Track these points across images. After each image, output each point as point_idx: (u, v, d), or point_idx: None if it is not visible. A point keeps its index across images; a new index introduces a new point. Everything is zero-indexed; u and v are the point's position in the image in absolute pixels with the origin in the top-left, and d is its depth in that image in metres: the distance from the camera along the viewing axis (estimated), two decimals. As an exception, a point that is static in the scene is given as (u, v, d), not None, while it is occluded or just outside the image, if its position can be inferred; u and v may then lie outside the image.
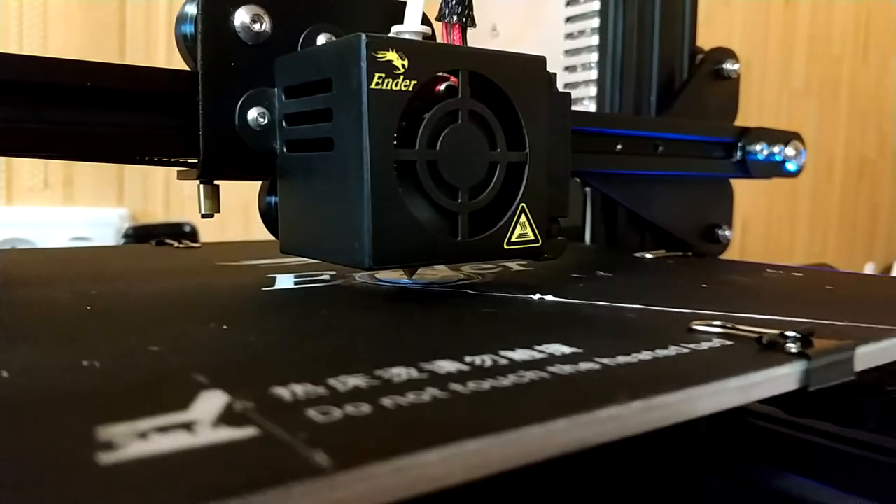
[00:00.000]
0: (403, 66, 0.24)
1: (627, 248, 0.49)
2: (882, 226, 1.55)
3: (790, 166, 0.49)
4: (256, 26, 0.29)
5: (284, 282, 0.31)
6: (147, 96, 0.28)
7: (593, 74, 0.49)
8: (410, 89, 0.25)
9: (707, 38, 0.52)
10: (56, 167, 0.73)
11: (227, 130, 0.29)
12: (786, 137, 0.48)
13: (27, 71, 0.26)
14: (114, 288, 0.30)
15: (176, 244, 0.45)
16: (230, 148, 0.29)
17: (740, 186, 0.51)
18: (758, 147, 0.47)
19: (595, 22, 0.49)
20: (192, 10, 0.29)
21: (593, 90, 0.49)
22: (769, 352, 0.19)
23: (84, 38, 0.74)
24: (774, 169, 0.48)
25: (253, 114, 0.29)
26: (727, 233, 0.49)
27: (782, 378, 0.18)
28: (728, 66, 0.50)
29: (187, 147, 0.29)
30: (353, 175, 0.25)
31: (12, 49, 0.70)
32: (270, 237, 0.32)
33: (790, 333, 0.20)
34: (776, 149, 0.48)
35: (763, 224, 1.31)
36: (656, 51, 0.49)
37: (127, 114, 0.28)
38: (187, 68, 0.30)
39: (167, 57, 0.77)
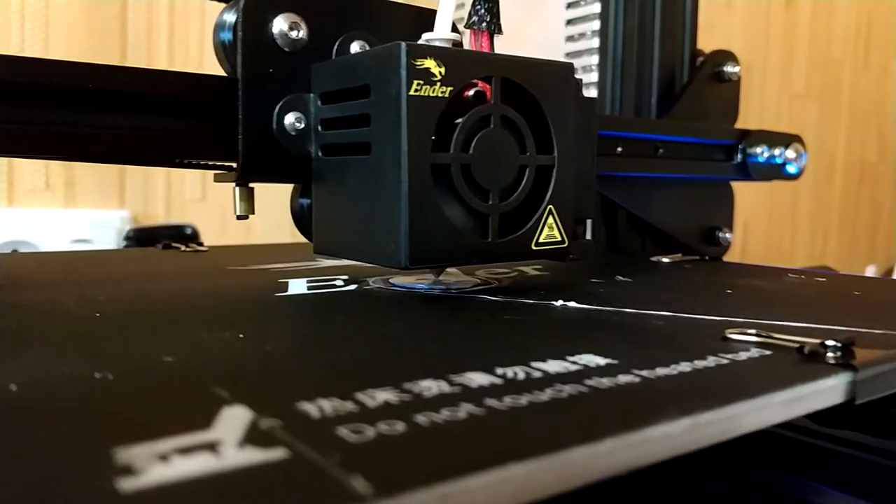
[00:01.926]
0: (440, 73, 0.25)
1: (628, 251, 0.49)
2: (883, 228, 1.54)
3: (791, 169, 0.48)
4: (294, 34, 0.29)
5: (297, 287, 0.30)
6: (185, 101, 0.29)
7: (594, 77, 0.49)
8: (447, 95, 0.26)
9: (708, 41, 0.52)
10: (57, 169, 0.73)
11: (264, 134, 0.29)
12: (786, 140, 0.48)
13: (78, 77, 0.27)
14: (122, 293, 0.29)
15: (183, 248, 0.44)
16: (267, 151, 0.29)
17: (741, 189, 0.50)
18: (758, 149, 0.46)
19: (596, 24, 0.48)
20: (230, 17, 0.29)
21: (594, 92, 0.49)
22: (811, 363, 0.18)
23: (86, 39, 0.73)
24: (775, 171, 0.48)
25: (290, 118, 0.30)
26: (728, 235, 0.48)
27: (828, 391, 0.17)
28: (729, 68, 0.49)
29: (225, 150, 0.30)
30: (390, 178, 0.25)
31: (13, 51, 0.69)
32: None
33: (830, 343, 0.19)
34: (777, 151, 0.47)
35: (764, 226, 1.30)
36: (657, 53, 0.49)
37: (167, 118, 0.29)
38: (190, 69, 0.30)
39: (168, 58, 0.77)
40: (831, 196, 1.43)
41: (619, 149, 0.42)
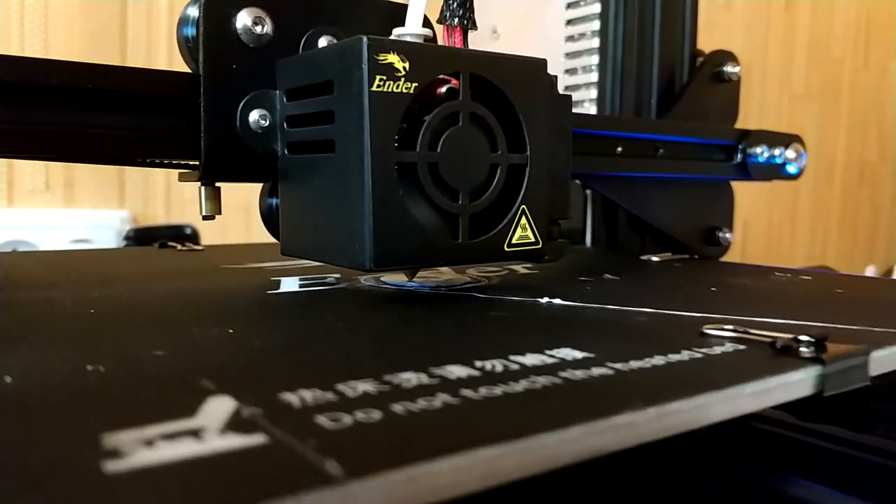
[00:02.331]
0: (404, 68, 0.25)
1: (628, 251, 0.49)
2: (882, 229, 1.54)
3: (791, 169, 0.48)
4: (258, 28, 0.29)
5: (289, 285, 0.31)
6: (148, 98, 0.28)
7: (594, 77, 0.49)
8: (411, 91, 0.25)
9: (707, 41, 0.52)
10: (57, 169, 0.73)
11: (228, 132, 0.29)
12: (786, 140, 0.48)
13: (27, 72, 0.26)
14: (117, 291, 0.29)
15: (179, 247, 0.45)
16: (231, 150, 0.29)
17: (741, 189, 0.51)
18: (758, 150, 0.47)
19: (595, 25, 0.49)
20: (193, 12, 0.28)
21: (594, 93, 0.49)
22: (783, 357, 0.19)
23: (85, 40, 0.74)
24: (775, 171, 0.48)
25: (254, 116, 0.29)
26: (728, 235, 0.49)
27: (797, 383, 0.18)
28: (728, 68, 0.49)
29: (188, 149, 0.29)
30: (354, 177, 0.25)
31: (13, 51, 0.70)
32: (273, 239, 0.32)
33: (804, 338, 0.19)
34: (777, 151, 0.47)
35: (764, 227, 1.31)
36: (657, 53, 0.49)
37: (128, 116, 0.28)
38: (188, 70, 0.29)
39: (168, 58, 0.77)
40: (831, 196, 1.43)
41: (619, 149, 0.42)
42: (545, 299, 0.27)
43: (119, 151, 0.29)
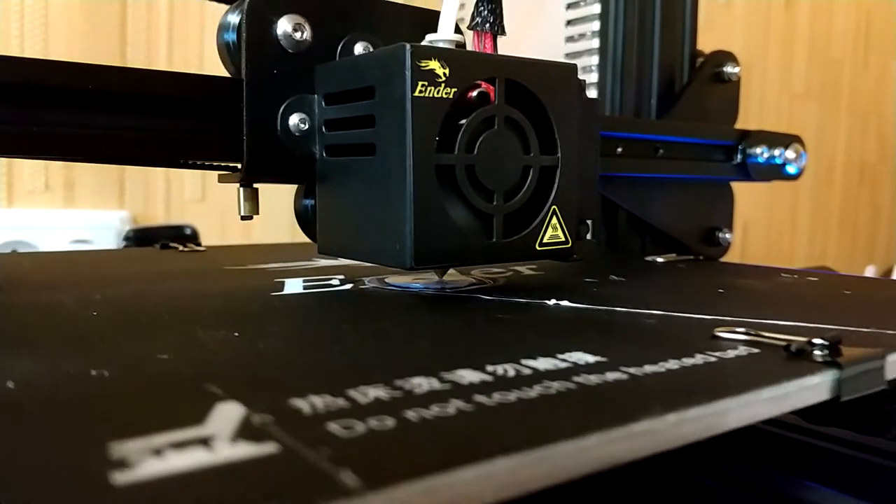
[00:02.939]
0: (445, 74, 0.25)
1: (628, 251, 0.49)
2: (882, 229, 1.54)
3: (791, 169, 0.48)
4: (298, 35, 0.30)
5: (293, 286, 0.31)
6: (191, 102, 0.29)
7: (594, 77, 0.49)
8: (451, 96, 0.26)
9: (707, 42, 0.52)
10: (57, 170, 0.73)
11: (269, 135, 0.29)
12: (786, 140, 0.48)
13: (80, 78, 0.27)
14: (119, 292, 0.29)
15: (180, 247, 0.44)
16: (272, 152, 0.30)
17: (741, 189, 0.51)
18: (758, 150, 0.47)
19: (595, 25, 0.48)
20: (234, 19, 0.29)
21: (594, 93, 0.49)
22: (798, 360, 0.19)
23: (85, 40, 0.73)
24: (775, 172, 0.48)
25: (294, 119, 0.30)
26: (728, 236, 0.49)
27: (814, 388, 0.17)
28: (728, 69, 0.49)
29: (230, 151, 0.30)
30: (395, 179, 0.26)
31: (13, 52, 0.70)
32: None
33: (818, 341, 0.19)
34: (776, 152, 0.47)
35: (764, 227, 1.31)
36: (657, 54, 0.49)
37: (171, 119, 0.29)
38: (191, 70, 0.30)
39: (168, 59, 0.77)
40: (831, 196, 1.43)
41: (619, 149, 0.42)
42: (552, 301, 0.27)
43: (161, 153, 0.30)
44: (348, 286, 0.31)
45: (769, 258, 1.30)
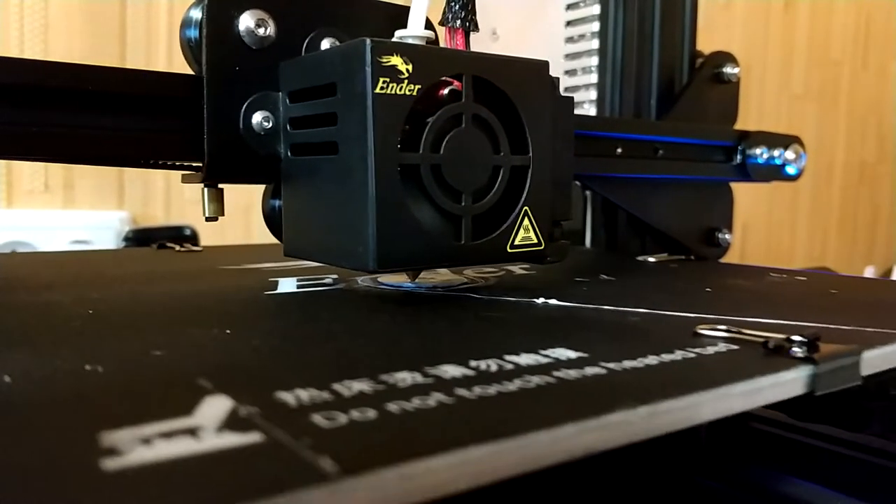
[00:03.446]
0: (408, 70, 0.25)
1: (628, 252, 0.49)
2: (882, 229, 1.55)
3: (790, 170, 0.48)
4: (261, 31, 0.29)
5: (287, 286, 0.31)
6: (151, 100, 0.28)
7: (593, 78, 0.49)
8: (414, 93, 0.25)
9: (707, 42, 0.52)
10: (56, 170, 0.73)
11: (231, 134, 0.29)
12: (786, 141, 0.48)
13: (31, 75, 0.26)
14: (115, 292, 0.30)
15: (177, 248, 0.45)
16: (235, 151, 0.29)
17: (740, 190, 0.51)
18: (758, 151, 0.47)
19: (595, 26, 0.49)
20: (196, 14, 0.29)
21: (593, 94, 0.49)
22: (775, 356, 0.19)
23: (85, 41, 0.74)
24: (774, 172, 0.48)
25: (257, 118, 0.29)
26: (727, 236, 0.49)
27: (788, 383, 0.18)
28: (728, 69, 0.50)
29: (191, 150, 0.29)
30: (357, 178, 0.25)
31: (13, 53, 0.70)
32: (271, 240, 0.32)
33: (796, 338, 0.20)
34: (776, 152, 0.48)
35: (763, 228, 1.31)
36: (656, 54, 0.49)
37: (131, 118, 0.28)
38: (190, 72, 0.30)
39: (168, 60, 0.77)
40: (830, 197, 1.43)
41: (619, 150, 0.42)
42: (541, 300, 0.27)
43: (122, 153, 0.29)
44: (341, 285, 0.32)
45: (769, 259, 1.30)
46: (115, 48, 0.75)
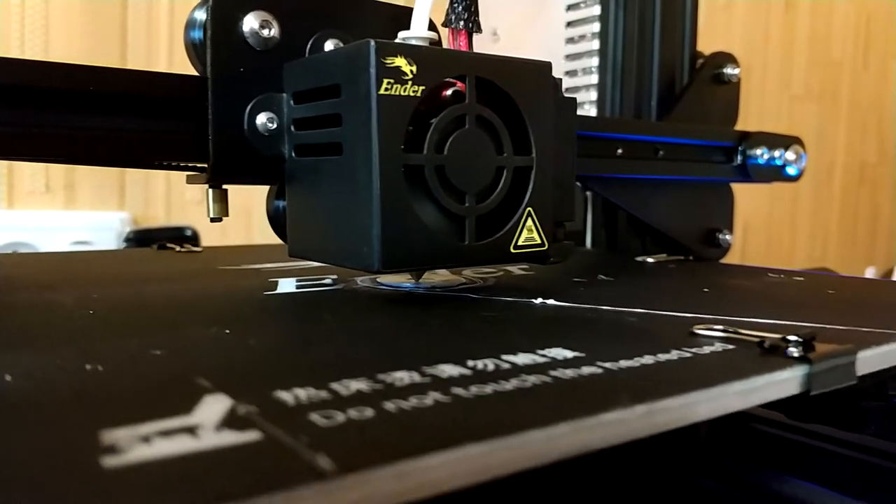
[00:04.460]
0: (412, 71, 0.25)
1: (628, 253, 0.49)
2: (882, 230, 1.55)
3: (791, 171, 0.49)
4: (265, 32, 0.29)
5: (286, 286, 0.31)
6: (156, 101, 0.29)
7: (594, 79, 0.49)
8: (418, 94, 0.25)
9: (707, 43, 0.52)
10: (57, 171, 0.73)
11: (236, 135, 0.29)
12: (786, 142, 0.48)
13: (35, 76, 0.26)
14: (116, 292, 0.30)
15: (178, 248, 0.45)
16: (239, 152, 0.29)
17: (741, 191, 0.51)
18: (758, 151, 0.47)
19: (596, 27, 0.49)
20: (201, 15, 0.29)
21: (594, 94, 0.49)
22: (771, 356, 0.19)
23: (85, 41, 0.74)
24: (775, 173, 0.48)
25: (262, 119, 0.29)
26: (728, 237, 0.49)
27: (784, 382, 0.18)
28: (728, 70, 0.50)
29: (196, 152, 0.29)
30: (361, 179, 0.25)
31: (13, 53, 0.70)
32: (272, 241, 0.32)
33: (792, 338, 0.20)
34: (777, 153, 0.48)
35: (764, 228, 1.31)
36: (657, 55, 0.49)
37: (136, 119, 0.28)
38: (194, 73, 0.30)
39: (168, 60, 0.78)
40: (831, 198, 1.43)
41: (620, 151, 0.42)
42: (539, 300, 0.28)
43: (126, 154, 0.29)
44: (340, 286, 0.32)
45: (769, 259, 1.30)
46: (116, 48, 0.76)
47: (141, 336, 0.21)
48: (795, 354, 0.19)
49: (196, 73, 0.30)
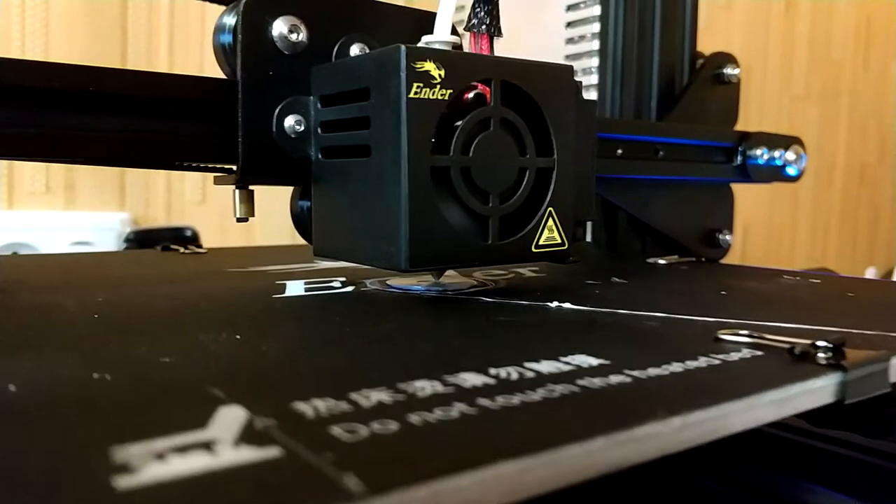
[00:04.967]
0: (440, 75, 0.25)
1: (628, 253, 0.49)
2: (882, 230, 1.54)
3: (791, 171, 0.48)
4: (293, 36, 0.29)
5: (295, 289, 0.31)
6: (186, 104, 0.29)
7: (594, 79, 0.49)
8: (446, 98, 0.26)
9: (707, 43, 0.52)
10: (57, 171, 0.73)
11: (264, 137, 0.29)
12: (786, 142, 0.48)
13: (66, 78, 0.26)
14: (121, 295, 0.29)
15: (182, 250, 0.44)
16: (267, 154, 0.30)
17: (741, 191, 0.51)
18: (758, 152, 0.47)
19: (596, 27, 0.48)
20: (230, 20, 0.29)
21: (594, 95, 0.49)
22: (802, 363, 0.19)
23: (86, 42, 0.73)
24: (775, 173, 0.48)
25: (290, 121, 0.30)
26: (728, 237, 0.49)
27: (818, 391, 0.17)
28: (728, 70, 0.49)
29: (226, 153, 0.30)
30: (390, 181, 0.25)
31: (14, 53, 0.70)
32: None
33: (822, 343, 0.19)
34: (777, 153, 0.47)
35: (764, 229, 1.30)
36: (657, 55, 0.49)
37: (167, 121, 0.29)
38: (194, 73, 0.30)
39: (168, 60, 0.77)
40: (831, 198, 1.43)
41: (619, 151, 0.42)
42: (554, 303, 0.27)
43: (156, 155, 0.29)
44: (350, 288, 0.31)
45: (769, 260, 1.30)
46: (116, 48, 0.75)
47: (149, 342, 0.21)
48: (826, 361, 0.18)
49: (218, 76, 0.30)
